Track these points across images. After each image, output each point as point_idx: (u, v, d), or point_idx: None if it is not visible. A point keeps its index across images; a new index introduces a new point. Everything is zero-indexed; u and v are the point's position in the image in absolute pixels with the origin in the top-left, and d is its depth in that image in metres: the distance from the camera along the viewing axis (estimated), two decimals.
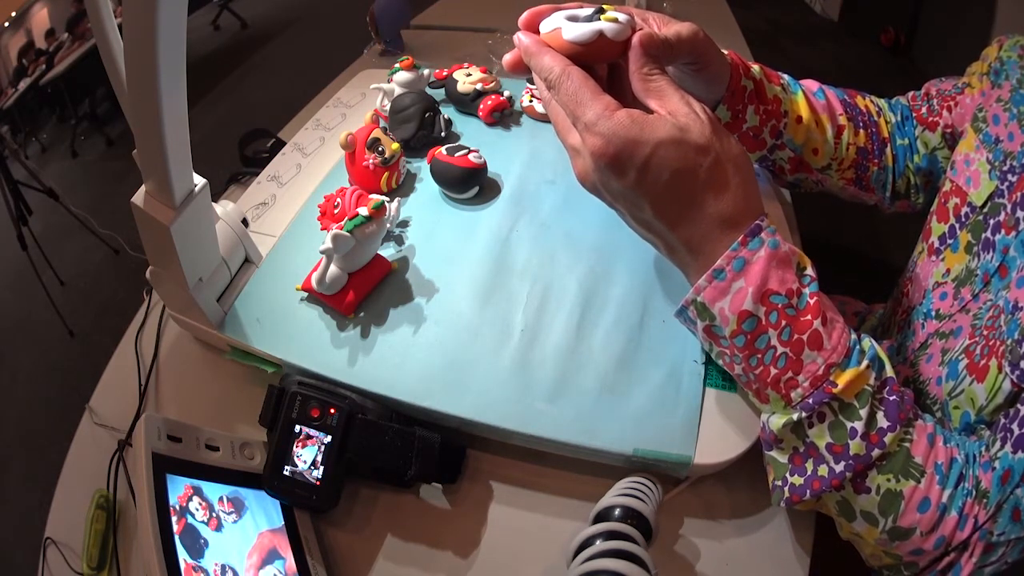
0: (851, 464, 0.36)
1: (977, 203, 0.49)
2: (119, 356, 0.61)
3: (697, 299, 0.36)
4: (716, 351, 0.38)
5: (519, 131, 0.76)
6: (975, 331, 0.44)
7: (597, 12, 0.46)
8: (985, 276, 0.46)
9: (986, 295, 0.46)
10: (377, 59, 1.01)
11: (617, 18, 0.44)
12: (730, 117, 0.55)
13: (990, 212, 0.47)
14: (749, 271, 0.34)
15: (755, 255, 0.34)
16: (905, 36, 2.42)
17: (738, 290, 0.34)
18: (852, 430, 0.35)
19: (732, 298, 0.34)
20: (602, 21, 0.44)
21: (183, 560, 0.39)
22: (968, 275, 0.49)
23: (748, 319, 0.34)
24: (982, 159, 0.50)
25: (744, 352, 0.35)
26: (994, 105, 0.50)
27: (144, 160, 0.44)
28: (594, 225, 0.63)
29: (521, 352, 0.52)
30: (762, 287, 0.34)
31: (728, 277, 0.35)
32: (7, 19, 1.97)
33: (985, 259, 0.47)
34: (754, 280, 0.34)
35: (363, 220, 0.51)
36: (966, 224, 0.50)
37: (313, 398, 0.47)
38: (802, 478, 0.37)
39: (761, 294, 0.34)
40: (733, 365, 0.37)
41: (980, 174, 0.49)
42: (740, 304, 0.34)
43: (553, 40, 0.46)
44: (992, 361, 0.40)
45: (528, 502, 0.49)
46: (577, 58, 0.43)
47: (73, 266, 1.74)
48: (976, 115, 0.53)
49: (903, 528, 0.36)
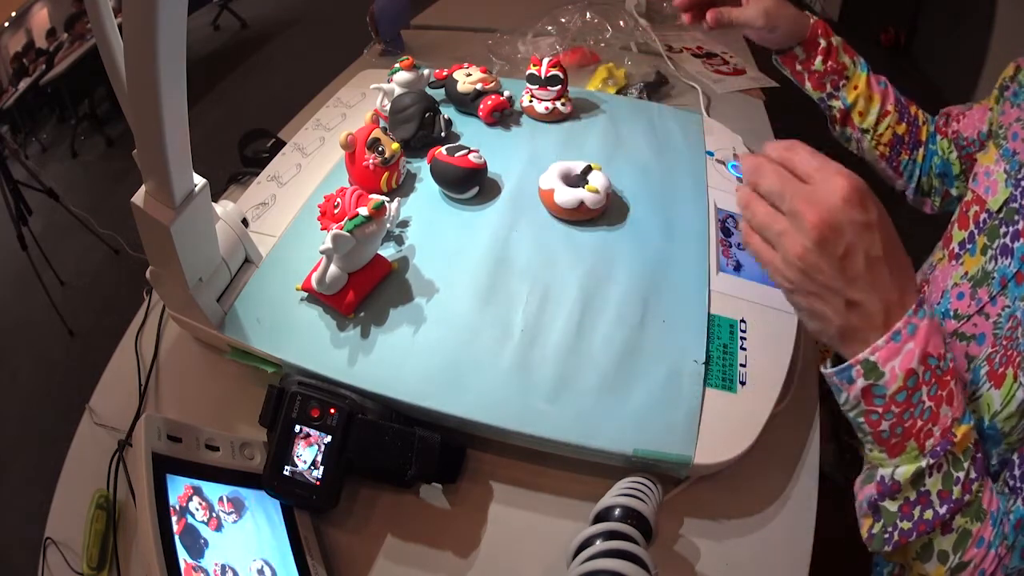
0: (951, 508, 0.40)
1: (993, 208, 0.53)
2: (119, 356, 0.61)
3: (869, 358, 0.38)
4: (861, 409, 0.41)
5: (519, 131, 0.76)
6: (996, 339, 0.48)
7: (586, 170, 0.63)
8: (1003, 280, 0.50)
9: (1003, 299, 0.49)
10: (377, 59, 1.01)
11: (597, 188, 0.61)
12: (804, 56, 0.73)
13: (1005, 217, 0.52)
14: (918, 335, 0.38)
15: (922, 321, 0.38)
16: (905, 36, 2.42)
17: (908, 351, 0.38)
18: (957, 479, 0.40)
19: (903, 358, 0.38)
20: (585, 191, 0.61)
21: (183, 560, 0.39)
22: (984, 276, 0.52)
23: (911, 377, 0.38)
24: (1000, 170, 0.54)
25: (901, 407, 0.39)
26: (1014, 124, 0.55)
27: (144, 160, 0.44)
28: (594, 225, 0.63)
29: (521, 352, 0.52)
30: (925, 349, 0.38)
31: (903, 339, 0.38)
32: (7, 19, 1.97)
33: (1003, 263, 0.50)
34: (921, 343, 0.38)
35: (363, 220, 0.51)
36: (984, 229, 0.54)
37: (313, 398, 0.47)
38: (910, 523, 0.41)
39: (924, 355, 0.38)
40: (881, 421, 0.40)
41: (998, 183, 0.54)
42: (908, 363, 0.38)
43: (546, 198, 0.63)
44: (1009, 370, 0.43)
45: (528, 502, 0.49)
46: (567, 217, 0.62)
47: (73, 266, 1.74)
48: (996, 132, 0.58)
49: (964, 562, 0.41)
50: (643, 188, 0.68)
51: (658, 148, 0.74)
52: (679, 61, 1.01)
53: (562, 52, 0.97)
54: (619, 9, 1.05)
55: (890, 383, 0.38)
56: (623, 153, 0.73)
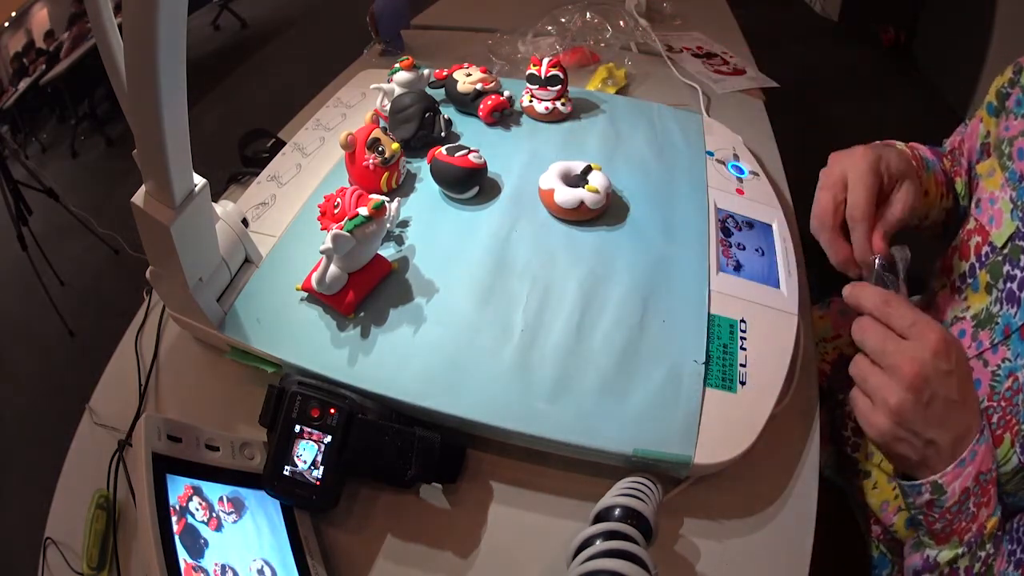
0: None
1: (998, 243, 0.52)
2: (119, 356, 0.61)
3: (938, 481, 0.43)
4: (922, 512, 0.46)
5: (519, 131, 0.76)
6: (993, 393, 0.49)
7: (586, 170, 0.63)
8: (1006, 330, 0.50)
9: (1005, 350, 0.50)
10: (377, 59, 1.01)
11: (597, 188, 0.60)
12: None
13: (1011, 254, 0.51)
14: (977, 459, 0.43)
15: (981, 447, 0.43)
16: (905, 36, 2.42)
17: (967, 474, 0.43)
18: (979, 556, 0.44)
19: (962, 480, 0.43)
20: (585, 191, 0.60)
21: (183, 560, 0.39)
22: (989, 318, 0.52)
23: (965, 493, 0.43)
24: (1006, 198, 0.52)
25: (953, 515, 0.44)
26: (1019, 139, 0.52)
27: (144, 160, 0.44)
28: (594, 225, 0.63)
29: (521, 352, 0.52)
30: (979, 469, 0.43)
31: (965, 464, 0.43)
32: (7, 19, 1.97)
33: (1008, 310, 0.50)
34: (977, 466, 0.43)
35: (363, 220, 0.51)
36: (986, 264, 0.53)
37: (313, 398, 0.47)
38: None
39: (977, 475, 0.43)
40: (936, 523, 0.45)
41: (1003, 213, 0.52)
42: (965, 483, 0.43)
43: (546, 197, 0.62)
44: (1007, 435, 0.46)
45: (528, 502, 0.49)
46: (567, 217, 0.62)
47: (73, 266, 1.73)
48: (1000, 148, 0.54)
49: None
50: (643, 188, 0.68)
51: (658, 148, 0.74)
52: (679, 61, 1.01)
53: (562, 52, 0.97)
54: (619, 9, 1.05)
55: (949, 499, 0.43)
56: (623, 153, 0.73)
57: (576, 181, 0.63)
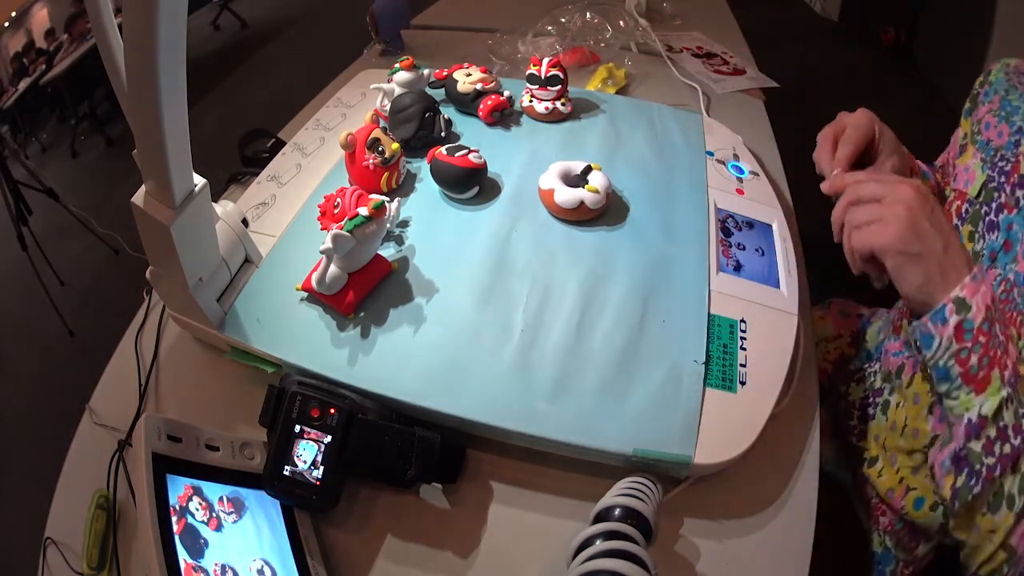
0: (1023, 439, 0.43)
1: (972, 195, 0.56)
2: (119, 356, 0.61)
3: (959, 294, 0.44)
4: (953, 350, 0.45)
5: (519, 131, 0.76)
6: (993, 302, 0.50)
7: (586, 170, 0.63)
8: (992, 254, 0.52)
9: (994, 271, 0.52)
10: (377, 59, 1.01)
11: (597, 188, 0.61)
12: None
13: (984, 199, 0.55)
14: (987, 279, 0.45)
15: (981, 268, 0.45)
16: (905, 36, 2.42)
17: (984, 291, 0.44)
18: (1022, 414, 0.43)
19: (982, 294, 0.44)
20: (585, 191, 0.61)
21: (183, 560, 0.39)
22: (975, 257, 0.54)
23: (990, 310, 0.44)
24: (976, 161, 0.57)
25: (987, 337, 0.44)
26: (986, 116, 0.59)
27: (144, 160, 0.44)
28: (594, 225, 0.63)
29: (521, 352, 0.52)
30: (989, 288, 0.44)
31: (979, 279, 0.44)
32: (7, 19, 1.97)
33: (990, 239, 0.53)
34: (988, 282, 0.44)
35: (363, 220, 0.51)
36: (966, 218, 0.56)
37: (313, 398, 0.47)
38: (993, 459, 0.44)
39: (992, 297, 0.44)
40: (971, 356, 0.44)
41: (975, 172, 0.57)
42: (986, 299, 0.44)
43: (546, 197, 0.63)
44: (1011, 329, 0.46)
45: (528, 502, 0.49)
46: (567, 217, 0.62)
47: (73, 266, 1.73)
48: (972, 133, 0.61)
49: None
50: (643, 188, 0.68)
51: (658, 148, 0.74)
52: (679, 61, 1.01)
53: (562, 52, 0.97)
54: (619, 9, 1.06)
55: (976, 316, 0.44)
56: (623, 153, 0.73)
57: (576, 181, 0.63)
